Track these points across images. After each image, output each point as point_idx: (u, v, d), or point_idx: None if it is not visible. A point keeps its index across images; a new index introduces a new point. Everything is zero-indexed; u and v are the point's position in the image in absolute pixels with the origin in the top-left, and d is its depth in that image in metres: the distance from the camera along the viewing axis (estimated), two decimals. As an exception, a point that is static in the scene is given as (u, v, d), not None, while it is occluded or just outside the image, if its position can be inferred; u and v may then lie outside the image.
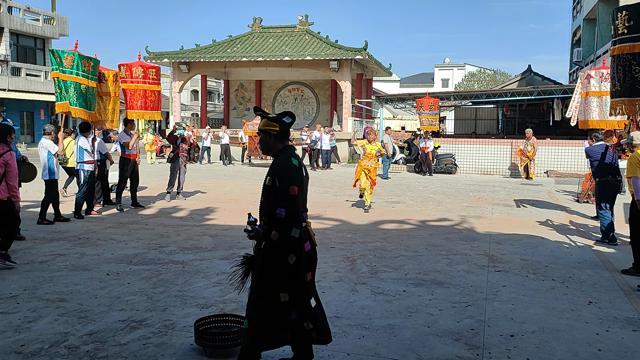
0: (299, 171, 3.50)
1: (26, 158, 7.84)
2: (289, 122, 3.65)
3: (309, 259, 3.62)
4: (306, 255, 3.56)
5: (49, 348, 4.10)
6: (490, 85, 51.42)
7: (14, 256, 6.82)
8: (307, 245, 3.59)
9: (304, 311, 3.55)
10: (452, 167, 19.85)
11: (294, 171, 3.47)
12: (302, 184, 3.52)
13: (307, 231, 3.60)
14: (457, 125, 34.27)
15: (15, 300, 5.17)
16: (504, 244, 7.98)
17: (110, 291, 5.49)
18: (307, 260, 3.58)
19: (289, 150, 3.60)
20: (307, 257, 3.59)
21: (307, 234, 3.60)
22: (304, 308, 3.55)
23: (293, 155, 3.57)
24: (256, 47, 26.93)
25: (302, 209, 3.54)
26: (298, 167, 3.51)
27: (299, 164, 3.54)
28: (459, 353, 4.14)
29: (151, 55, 26.71)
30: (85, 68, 9.28)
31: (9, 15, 33.20)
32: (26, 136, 34.79)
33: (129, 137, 10.76)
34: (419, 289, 5.72)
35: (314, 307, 3.61)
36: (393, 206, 11.68)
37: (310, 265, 3.64)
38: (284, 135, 3.63)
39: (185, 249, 7.43)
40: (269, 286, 3.48)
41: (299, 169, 3.52)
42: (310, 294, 3.61)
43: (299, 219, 3.45)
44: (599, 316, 4.99)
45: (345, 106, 25.79)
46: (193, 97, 59.28)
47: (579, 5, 34.73)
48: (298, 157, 3.58)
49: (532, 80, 30.84)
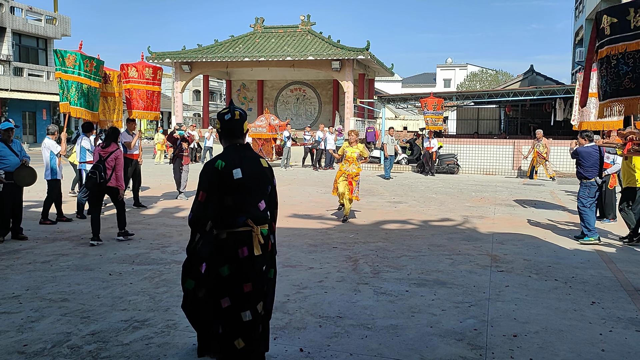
0: (221, 174, 3.34)
1: (26, 161, 7.85)
2: (228, 119, 3.49)
3: (245, 267, 3.39)
4: (239, 262, 3.38)
5: (51, 348, 4.10)
6: (492, 85, 51.37)
7: (16, 256, 6.84)
8: (242, 251, 3.38)
9: (232, 326, 3.36)
10: (454, 167, 19.83)
11: (209, 175, 3.35)
12: (228, 187, 3.35)
13: (247, 236, 3.40)
14: (459, 125, 34.22)
15: (17, 300, 5.17)
16: (506, 244, 7.96)
17: (113, 291, 5.49)
18: (241, 267, 3.38)
19: (226, 151, 3.47)
20: (242, 264, 3.38)
21: (246, 239, 3.40)
22: (229, 322, 3.36)
23: (224, 156, 3.42)
24: (258, 47, 26.94)
25: (238, 212, 3.39)
26: (221, 170, 3.35)
27: (227, 166, 3.36)
28: (462, 353, 4.13)
29: (153, 55, 26.75)
30: (88, 68, 9.29)
31: (12, 16, 33.27)
32: (28, 136, 34.87)
33: (131, 137, 10.77)
34: (421, 289, 5.71)
35: (246, 322, 3.37)
36: (395, 206, 11.67)
37: (247, 275, 3.40)
38: (227, 133, 3.50)
39: (188, 249, 7.41)
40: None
41: (224, 171, 3.35)
42: (244, 306, 3.38)
43: (202, 225, 3.34)
44: (602, 316, 4.97)
45: (347, 106, 25.80)
46: (195, 97, 59.32)
47: (582, 5, 34.65)
48: (234, 158, 3.42)
49: (535, 80, 30.78)
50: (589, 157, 8.17)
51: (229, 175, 3.35)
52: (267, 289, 3.61)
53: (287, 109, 31.00)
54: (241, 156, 3.47)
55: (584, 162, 8.20)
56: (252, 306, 3.42)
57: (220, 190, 3.35)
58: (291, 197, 12.48)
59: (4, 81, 31.96)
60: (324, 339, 4.35)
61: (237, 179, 3.37)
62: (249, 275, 3.41)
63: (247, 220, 3.41)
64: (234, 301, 3.37)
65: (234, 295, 3.37)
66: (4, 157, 7.66)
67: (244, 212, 3.41)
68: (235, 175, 3.37)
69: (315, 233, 8.60)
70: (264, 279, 3.53)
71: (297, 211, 9.90)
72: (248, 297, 3.40)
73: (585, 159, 8.18)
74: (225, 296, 3.37)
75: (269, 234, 3.58)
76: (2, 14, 32.46)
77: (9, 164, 7.68)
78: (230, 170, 3.36)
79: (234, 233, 3.38)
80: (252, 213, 3.44)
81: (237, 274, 3.38)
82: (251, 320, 3.40)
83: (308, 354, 4.06)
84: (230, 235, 3.38)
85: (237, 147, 3.50)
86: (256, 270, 3.44)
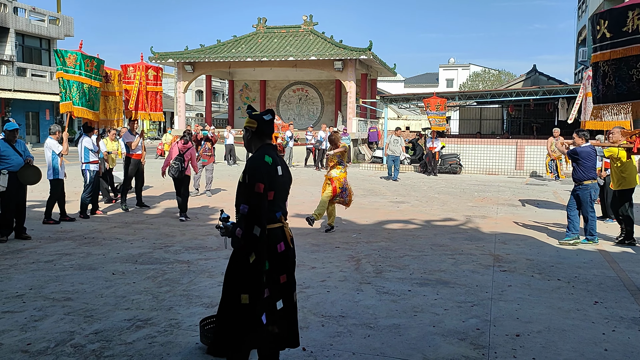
0: (270, 169, 3.42)
1: (30, 160, 7.88)
2: (268, 120, 3.58)
3: (282, 261, 3.51)
4: (278, 257, 3.47)
5: (55, 347, 4.12)
6: (495, 85, 51.31)
7: (20, 255, 6.86)
8: (280, 246, 3.49)
9: (269, 314, 3.46)
10: (456, 167, 19.81)
11: (264, 168, 3.40)
12: (274, 182, 3.43)
13: (282, 232, 3.51)
14: (462, 125, 34.19)
15: (21, 300, 5.18)
16: (509, 244, 7.96)
17: (116, 290, 5.51)
18: (279, 261, 3.48)
19: (266, 148, 3.54)
20: (280, 259, 3.49)
21: (282, 234, 3.51)
22: (268, 311, 3.45)
23: (268, 152, 3.49)
24: (260, 47, 26.95)
25: (276, 207, 3.48)
26: (270, 165, 3.43)
27: (274, 162, 3.46)
28: (465, 353, 4.13)
29: (156, 56, 26.77)
30: (88, 67, 9.29)
31: (15, 16, 33.35)
32: (31, 136, 34.94)
33: (134, 137, 10.79)
34: (424, 289, 5.71)
35: (279, 310, 3.50)
36: (398, 206, 11.67)
37: (283, 267, 3.53)
38: (262, 133, 3.58)
39: (191, 248, 7.44)
40: (232, 286, 3.48)
41: (272, 166, 3.44)
42: (279, 296, 3.50)
43: (262, 217, 3.34)
44: (605, 316, 4.96)
45: (349, 106, 25.79)
46: (198, 97, 59.41)
47: (584, 4, 34.57)
48: (274, 156, 3.50)
49: (537, 80, 30.74)
50: (589, 157, 7.92)
51: (275, 171, 3.46)
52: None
53: (289, 109, 31.02)
54: (277, 155, 3.59)
55: (586, 162, 7.91)
56: (285, 295, 3.55)
57: (268, 185, 3.43)
58: (294, 197, 12.45)
59: (7, 81, 32.04)
60: (327, 338, 4.36)
61: (279, 175, 3.49)
62: (285, 268, 3.55)
63: (281, 216, 3.54)
64: (272, 292, 3.48)
65: (272, 286, 3.48)
66: (8, 156, 7.69)
67: (280, 208, 3.55)
68: (279, 172, 3.49)
69: (317, 233, 8.60)
70: (293, 270, 3.66)
71: (300, 211, 9.91)
72: (282, 287, 3.53)
73: (586, 159, 7.91)
74: (266, 288, 3.46)
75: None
76: (6, 15, 32.54)
77: (13, 163, 7.71)
78: (275, 166, 3.47)
79: (272, 229, 3.46)
80: (283, 209, 3.60)
81: (275, 267, 3.48)
82: (283, 308, 3.53)
83: (311, 353, 4.07)
84: (269, 231, 3.45)
85: (273, 147, 3.61)
86: (290, 262, 3.60)
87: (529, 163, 19.91)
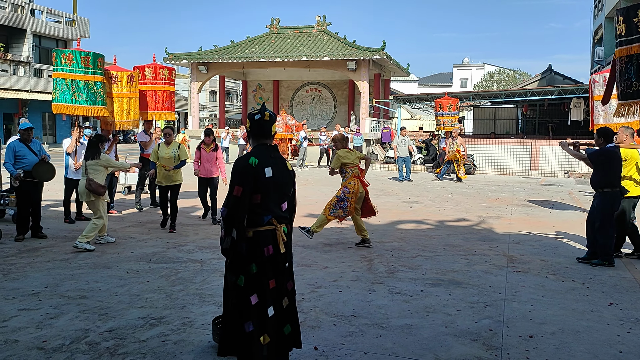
0: (255, 171, 3.38)
1: (45, 158, 7.97)
2: (258, 120, 3.54)
3: (270, 264, 3.46)
4: (265, 260, 3.43)
5: (70, 344, 4.17)
6: (509, 85, 50.92)
7: (36, 254, 6.95)
8: (268, 249, 3.44)
9: (259, 322, 3.40)
10: (470, 167, 19.68)
11: (246, 171, 3.37)
12: (260, 184, 3.39)
13: (272, 235, 3.47)
14: (476, 125, 33.99)
15: (37, 297, 5.25)
16: (523, 245, 7.90)
17: (130, 289, 5.56)
18: (267, 265, 3.44)
19: (258, 149, 3.52)
20: (268, 262, 3.44)
21: (271, 237, 3.47)
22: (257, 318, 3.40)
23: (257, 154, 3.46)
24: (274, 47, 27.02)
25: (263, 211, 3.44)
26: (255, 167, 3.39)
27: (261, 163, 3.41)
28: (477, 353, 4.11)
29: (170, 57, 26.94)
30: (83, 64, 8.98)
31: (32, 18, 33.78)
32: (48, 137, 35.38)
33: (148, 138, 10.87)
34: (436, 289, 5.69)
35: (270, 317, 3.44)
36: (411, 206, 11.63)
37: (271, 272, 3.47)
38: (256, 133, 3.56)
39: (204, 247, 7.48)
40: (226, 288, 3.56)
41: (257, 168, 3.39)
42: (269, 302, 3.44)
43: (239, 221, 3.34)
44: (619, 317, 4.91)
45: (362, 106, 25.75)
46: (211, 97, 59.68)
47: (601, 3, 34.20)
48: (265, 157, 3.46)
49: (553, 80, 30.45)
50: (616, 159, 6.73)
51: (261, 173, 3.41)
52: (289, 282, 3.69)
53: (302, 109, 31.05)
54: (271, 156, 3.53)
55: (612, 164, 6.69)
56: (275, 302, 3.49)
57: (252, 187, 3.40)
58: (307, 197, 12.51)
59: (24, 82, 32.46)
60: (339, 337, 4.36)
61: (268, 177, 3.43)
62: (274, 272, 3.49)
63: (271, 219, 3.48)
64: (260, 297, 3.43)
65: (260, 291, 3.44)
66: (23, 156, 7.78)
67: (269, 211, 3.48)
68: (267, 174, 3.43)
69: (330, 233, 8.61)
70: (286, 275, 3.60)
71: (313, 211, 9.92)
72: (272, 293, 3.48)
73: (614, 160, 6.70)
74: (254, 293, 3.43)
75: (289, 232, 3.67)
76: (23, 16, 32.98)
77: (28, 163, 7.79)
78: (262, 168, 3.42)
79: (259, 232, 3.44)
80: (276, 212, 3.52)
81: (263, 272, 3.44)
82: (274, 315, 3.47)
83: (322, 353, 4.08)
84: (256, 234, 3.44)
85: (267, 147, 3.57)
86: (280, 267, 3.53)
87: (544, 163, 19.74)
